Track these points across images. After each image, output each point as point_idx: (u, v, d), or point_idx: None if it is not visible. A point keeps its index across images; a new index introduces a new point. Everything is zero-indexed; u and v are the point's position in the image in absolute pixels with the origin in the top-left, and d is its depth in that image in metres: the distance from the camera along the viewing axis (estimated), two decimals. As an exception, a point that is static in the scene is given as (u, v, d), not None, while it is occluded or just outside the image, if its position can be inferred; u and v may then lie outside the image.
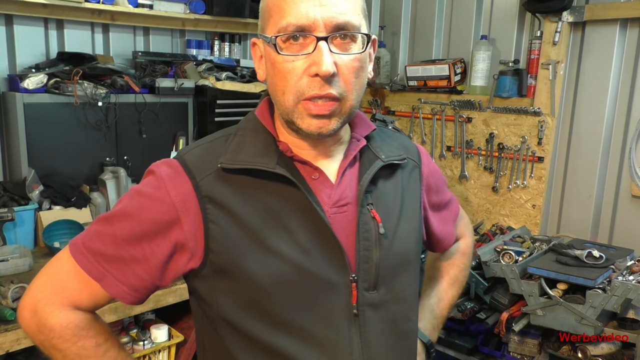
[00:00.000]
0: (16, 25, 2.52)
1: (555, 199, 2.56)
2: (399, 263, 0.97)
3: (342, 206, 0.94)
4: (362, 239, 0.93)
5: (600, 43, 2.34)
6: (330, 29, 0.84)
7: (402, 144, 1.07)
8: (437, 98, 2.80)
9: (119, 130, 2.65)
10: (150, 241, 0.89)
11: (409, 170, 1.05)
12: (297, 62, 0.85)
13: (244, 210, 0.89)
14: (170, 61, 2.90)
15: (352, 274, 0.91)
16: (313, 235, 0.90)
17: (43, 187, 2.36)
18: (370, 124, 1.02)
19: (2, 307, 1.70)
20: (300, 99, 0.86)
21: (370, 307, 0.93)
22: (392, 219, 0.97)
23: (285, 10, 0.85)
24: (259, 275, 0.88)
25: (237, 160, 0.90)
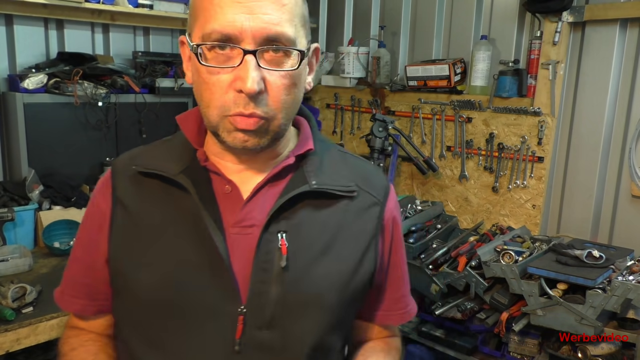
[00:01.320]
0: (16, 25, 2.52)
1: (555, 199, 2.56)
2: (304, 305, 0.84)
3: (246, 227, 0.84)
4: (260, 269, 0.82)
5: (600, 43, 2.34)
6: (260, 41, 0.76)
7: (361, 174, 0.94)
8: (437, 98, 2.80)
9: (119, 130, 2.65)
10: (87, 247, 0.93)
11: (360, 206, 0.91)
12: (223, 74, 0.77)
13: (143, 215, 0.86)
14: (170, 61, 2.90)
15: (242, 305, 0.82)
16: (203, 254, 0.82)
17: (43, 187, 2.36)
18: (307, 143, 0.89)
19: (2, 307, 1.70)
20: (225, 114, 0.78)
21: (257, 348, 0.83)
22: (309, 254, 0.85)
23: (210, 14, 0.76)
24: (136, 285, 0.84)
25: (147, 165, 0.88)
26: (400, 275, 1.00)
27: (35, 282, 1.88)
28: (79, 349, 0.94)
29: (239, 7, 0.75)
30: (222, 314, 0.82)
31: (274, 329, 0.83)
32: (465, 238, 2.47)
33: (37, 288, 1.83)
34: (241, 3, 0.75)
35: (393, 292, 1.00)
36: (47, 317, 1.72)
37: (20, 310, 1.72)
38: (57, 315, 1.74)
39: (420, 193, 2.93)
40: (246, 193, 0.86)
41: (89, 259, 0.92)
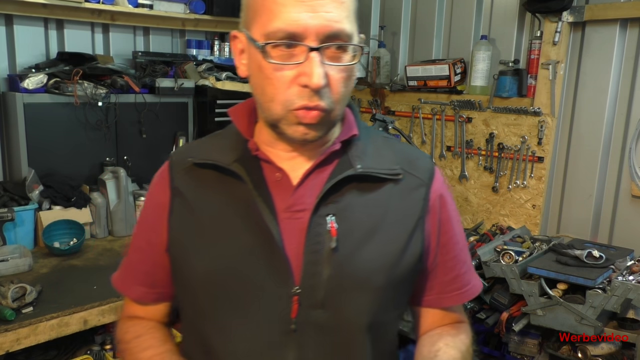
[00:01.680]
0: (16, 25, 2.52)
1: (555, 199, 2.56)
2: (354, 285, 0.87)
3: (297, 212, 0.87)
4: (311, 252, 0.85)
5: (600, 43, 2.34)
6: (323, 38, 0.79)
7: (406, 157, 0.95)
8: (437, 98, 2.80)
9: (119, 130, 2.65)
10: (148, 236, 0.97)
11: (406, 188, 0.93)
12: (286, 70, 0.81)
13: (199, 203, 0.91)
14: (170, 61, 2.90)
15: (296, 286, 0.85)
16: (257, 238, 0.86)
17: (43, 187, 2.36)
18: (351, 129, 0.92)
19: (2, 307, 1.70)
20: (289, 109, 0.82)
21: (313, 326, 0.86)
22: (357, 236, 0.87)
23: (274, 13, 0.79)
24: (193, 268, 0.89)
25: (202, 156, 0.92)
26: (453, 255, 0.99)
27: (35, 282, 1.87)
28: (145, 335, 0.98)
29: (303, 6, 0.78)
30: (278, 295, 0.85)
31: (327, 308, 0.86)
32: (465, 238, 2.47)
33: (37, 288, 1.82)
34: (304, 2, 0.78)
35: (446, 272, 0.99)
36: (47, 317, 1.72)
37: (20, 310, 1.72)
38: (57, 315, 1.74)
39: (420, 193, 2.93)
40: (296, 179, 0.89)
41: (149, 248, 0.97)
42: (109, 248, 2.35)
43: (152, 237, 0.96)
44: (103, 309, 1.84)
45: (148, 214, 0.99)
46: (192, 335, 0.95)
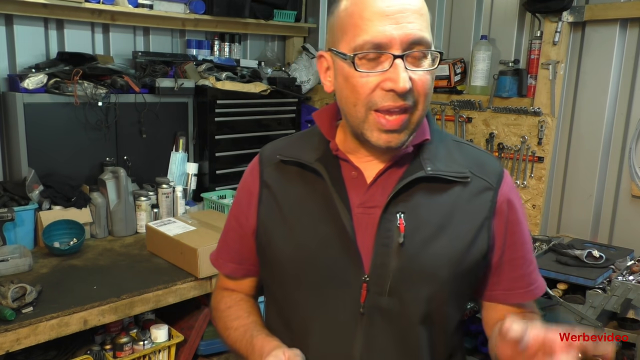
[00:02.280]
0: (16, 25, 2.52)
1: (555, 199, 2.56)
2: (419, 277, 0.95)
3: (369, 208, 0.96)
4: (381, 245, 0.94)
5: (600, 43, 2.34)
6: (406, 46, 0.88)
7: (476, 161, 1.02)
8: (437, 98, 2.80)
9: (119, 130, 2.65)
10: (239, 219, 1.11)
11: (474, 190, 0.99)
12: (371, 77, 0.89)
13: (285, 196, 1.03)
14: (170, 61, 2.90)
15: (366, 275, 0.94)
16: (333, 229, 0.96)
17: (43, 187, 2.36)
18: (424, 134, 0.99)
19: (2, 307, 1.70)
20: (372, 109, 0.90)
21: (380, 311, 0.95)
22: (425, 233, 0.95)
23: (362, 28, 0.88)
24: (281, 250, 1.01)
25: (289, 154, 1.04)
26: (520, 255, 1.04)
27: (35, 282, 1.87)
28: (234, 307, 1.13)
29: (387, 19, 0.87)
30: (350, 282, 0.95)
31: (392, 296, 0.94)
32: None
33: (37, 288, 1.82)
34: (389, 16, 0.87)
35: (512, 271, 1.04)
36: (47, 317, 1.72)
37: (20, 310, 1.72)
38: (57, 315, 1.74)
39: (420, 193, 2.93)
40: (370, 178, 0.99)
41: (240, 230, 1.11)
42: (109, 248, 2.36)
43: (242, 220, 1.09)
44: (103, 309, 1.84)
45: (241, 199, 1.11)
46: (275, 310, 1.08)
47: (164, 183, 2.65)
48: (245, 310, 1.12)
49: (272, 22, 3.26)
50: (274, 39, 3.56)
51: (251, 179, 1.09)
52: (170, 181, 2.70)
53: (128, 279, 2.02)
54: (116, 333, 2.15)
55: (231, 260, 1.15)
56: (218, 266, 1.18)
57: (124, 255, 2.27)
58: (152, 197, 2.62)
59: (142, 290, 1.93)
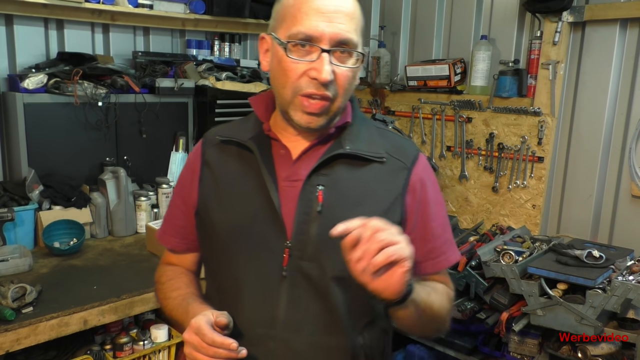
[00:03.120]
0: (16, 25, 2.52)
1: (555, 199, 2.56)
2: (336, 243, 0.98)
3: (294, 181, 1.08)
4: (302, 213, 1.05)
5: (600, 43, 2.34)
6: (334, 43, 0.99)
7: (394, 145, 1.13)
8: (437, 98, 2.80)
9: (119, 130, 2.65)
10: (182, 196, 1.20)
11: (390, 169, 1.10)
12: (301, 64, 1.00)
13: (222, 173, 1.13)
14: (170, 61, 2.90)
15: (288, 241, 1.05)
16: (262, 200, 1.06)
17: (43, 187, 2.36)
18: (346, 118, 1.11)
19: (2, 307, 1.70)
20: (297, 94, 1.01)
21: (301, 274, 1.05)
22: (342, 203, 1.06)
23: (298, 19, 0.99)
24: (217, 223, 1.11)
25: (227, 134, 1.14)
26: (429, 231, 1.14)
27: (35, 282, 1.87)
28: (175, 279, 1.21)
29: (322, 16, 0.99)
30: (274, 247, 1.06)
31: (312, 260, 1.05)
32: (465, 238, 2.47)
33: (37, 288, 1.82)
34: (324, 14, 0.99)
35: (423, 245, 1.12)
36: (47, 317, 1.72)
37: (20, 310, 1.72)
38: (57, 315, 1.74)
39: (420, 193, 2.93)
40: (296, 155, 1.10)
41: (183, 206, 1.20)
42: (109, 248, 2.36)
43: (185, 197, 1.19)
44: (103, 309, 1.84)
45: (184, 178, 1.21)
46: (210, 278, 1.19)
47: (164, 183, 2.65)
48: (185, 282, 1.20)
49: (272, 22, 3.25)
50: (274, 39, 3.55)
51: (194, 159, 1.19)
52: (170, 181, 2.70)
53: (128, 279, 2.02)
54: (116, 333, 2.15)
55: (175, 234, 1.23)
56: (162, 241, 1.26)
57: (124, 255, 2.27)
58: (152, 197, 2.62)
59: (142, 290, 1.93)
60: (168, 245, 1.26)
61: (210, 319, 0.99)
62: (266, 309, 1.06)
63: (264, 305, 1.06)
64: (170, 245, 1.26)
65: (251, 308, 1.07)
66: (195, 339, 0.97)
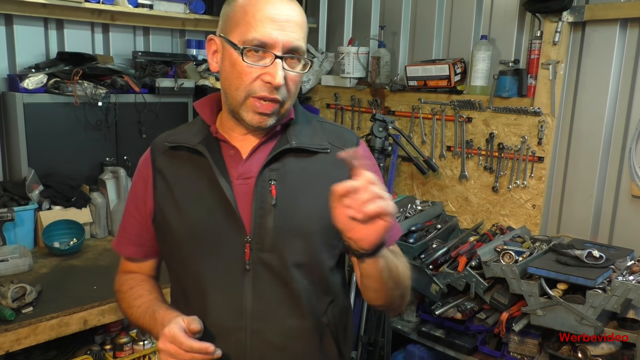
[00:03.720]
0: (16, 25, 2.52)
1: (555, 199, 2.56)
2: (296, 233, 1.10)
3: (246, 179, 1.12)
4: (258, 208, 1.10)
5: (600, 43, 2.33)
6: (286, 50, 1.06)
7: (335, 135, 1.20)
8: (437, 98, 2.80)
9: (119, 130, 2.65)
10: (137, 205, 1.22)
11: (334, 159, 1.11)
12: (255, 69, 1.06)
13: (173, 177, 1.16)
14: (170, 61, 2.90)
15: (248, 236, 1.09)
16: (217, 200, 1.10)
17: (43, 187, 2.36)
18: (290, 114, 1.16)
19: (2, 307, 1.70)
20: (250, 96, 1.07)
21: (263, 265, 1.10)
22: (294, 194, 1.11)
23: (253, 26, 1.04)
24: (176, 227, 1.14)
25: (175, 140, 1.17)
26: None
27: (35, 282, 1.87)
28: (136, 287, 1.22)
29: (275, 24, 1.05)
30: (236, 244, 1.10)
31: (272, 252, 1.10)
32: (465, 238, 2.47)
33: (37, 288, 1.82)
34: (277, 22, 1.05)
35: None
36: (47, 317, 1.72)
37: (20, 310, 1.72)
38: (57, 315, 1.74)
39: (420, 193, 2.93)
40: (246, 154, 1.14)
41: (138, 215, 1.22)
42: (109, 248, 2.35)
43: (140, 206, 1.21)
44: (103, 309, 1.84)
45: (137, 187, 1.23)
46: (175, 282, 1.22)
47: (164, 183, 2.65)
48: (147, 289, 1.22)
49: (272, 22, 3.25)
50: (274, 39, 3.55)
51: (145, 168, 1.21)
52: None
53: (128, 279, 2.02)
54: (116, 333, 2.15)
55: (131, 243, 1.25)
56: (119, 250, 1.27)
57: (124, 255, 2.27)
58: (152, 197, 2.61)
59: (142, 290, 1.93)
60: (125, 254, 1.28)
61: (182, 325, 1.02)
62: (233, 303, 1.10)
63: (230, 300, 1.10)
64: (127, 253, 1.27)
65: (218, 304, 1.11)
66: (172, 347, 1.01)
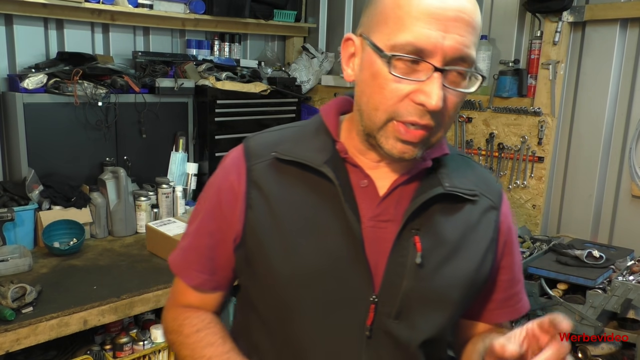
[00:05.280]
0: (16, 25, 2.52)
1: (555, 199, 2.56)
2: (434, 300, 0.89)
3: (382, 222, 0.88)
4: (395, 263, 0.87)
5: (600, 43, 2.34)
6: (449, 60, 0.78)
7: (482, 178, 0.96)
8: (437, 98, 2.80)
9: (119, 130, 2.64)
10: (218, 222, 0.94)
11: (481, 209, 0.94)
12: (403, 84, 0.79)
13: (281, 200, 0.88)
14: (170, 61, 2.90)
15: (374, 295, 0.86)
16: (342, 243, 0.86)
17: (43, 187, 2.36)
18: (444, 148, 0.92)
19: (2, 307, 1.70)
20: (394, 119, 0.81)
21: (387, 334, 0.87)
22: (440, 253, 0.88)
23: (405, 24, 0.77)
24: (278, 266, 0.87)
25: (290, 153, 0.89)
26: (512, 276, 1.02)
27: (35, 282, 1.87)
28: (204, 330, 0.96)
29: (436, 23, 0.76)
30: (358, 302, 0.86)
31: (401, 319, 0.87)
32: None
33: (37, 288, 1.82)
34: (439, 20, 0.76)
35: (504, 290, 1.01)
36: (47, 317, 1.72)
37: (20, 310, 1.72)
38: (56, 315, 1.74)
39: (420, 193, 2.93)
40: (381, 188, 0.89)
41: (218, 235, 0.94)
42: (109, 248, 2.35)
43: (223, 225, 0.93)
44: (103, 309, 1.84)
45: (221, 200, 0.93)
46: (264, 331, 0.94)
47: (164, 183, 2.65)
48: (219, 335, 0.95)
49: (272, 22, 3.26)
50: (274, 39, 3.56)
51: (235, 176, 0.92)
52: (170, 181, 2.70)
53: (128, 279, 2.02)
54: (116, 333, 2.15)
55: (202, 269, 0.97)
56: (184, 276, 0.99)
57: (124, 255, 2.27)
58: (152, 197, 2.61)
59: (142, 290, 1.93)
60: (192, 282, 0.98)
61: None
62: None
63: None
64: (195, 281, 0.98)
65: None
66: None
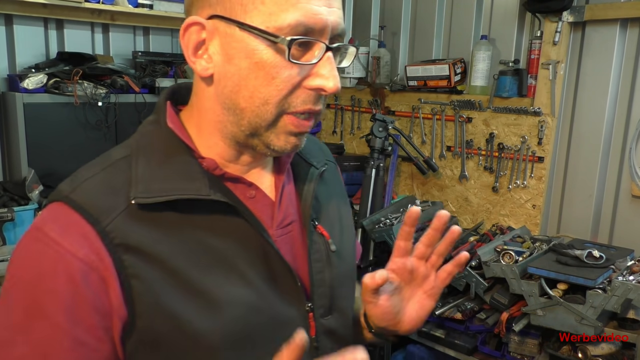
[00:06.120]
0: (16, 25, 2.52)
1: (555, 199, 2.56)
2: (347, 277, 0.85)
3: (287, 226, 0.78)
4: (314, 261, 0.79)
5: (600, 43, 2.33)
6: (333, 37, 0.69)
7: (318, 145, 0.92)
8: (437, 98, 2.80)
9: (119, 130, 2.64)
10: (82, 321, 0.67)
11: (332, 172, 0.90)
12: (294, 69, 0.67)
13: (175, 256, 0.68)
14: (170, 61, 2.90)
15: (307, 302, 0.77)
16: (261, 267, 0.73)
17: (43, 187, 2.36)
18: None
19: (2, 307, 1.69)
20: (285, 112, 0.69)
21: (327, 334, 0.80)
22: (336, 232, 0.84)
23: (290, 1, 0.64)
24: (207, 332, 0.68)
25: (156, 191, 0.68)
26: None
27: (35, 282, 1.87)
28: None
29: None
30: (295, 318, 0.76)
31: (332, 313, 0.82)
32: (465, 238, 2.47)
33: (37, 288, 1.82)
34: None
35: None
36: (47, 317, 1.72)
37: (20, 310, 1.72)
38: (57, 315, 1.74)
39: (420, 193, 2.93)
40: (267, 190, 0.79)
41: (93, 341, 0.67)
42: (108, 248, 2.35)
43: (93, 322, 0.66)
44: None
45: (78, 292, 0.65)
46: None
47: (164, 183, 2.65)
48: None
49: (272, 22, 3.25)
50: (274, 39, 3.56)
51: (87, 250, 0.65)
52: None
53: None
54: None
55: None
56: None
57: (124, 255, 2.27)
58: (152, 197, 2.61)
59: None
60: None
61: None
62: None
63: None
64: None
65: None
66: None
